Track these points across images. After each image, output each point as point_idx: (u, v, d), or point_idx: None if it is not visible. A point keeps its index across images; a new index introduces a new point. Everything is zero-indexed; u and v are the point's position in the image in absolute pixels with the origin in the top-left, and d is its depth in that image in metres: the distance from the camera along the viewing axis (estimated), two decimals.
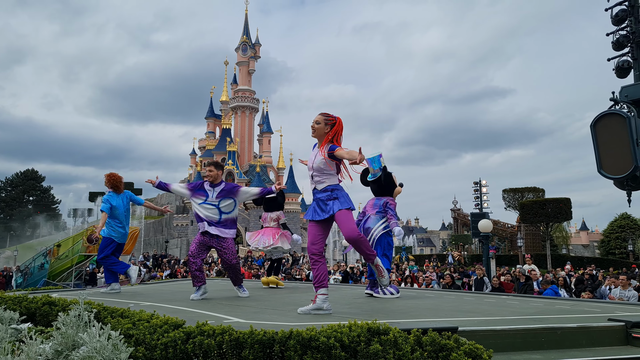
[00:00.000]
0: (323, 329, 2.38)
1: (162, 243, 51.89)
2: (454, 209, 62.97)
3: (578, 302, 6.33)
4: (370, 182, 6.60)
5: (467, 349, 2.23)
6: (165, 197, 72.69)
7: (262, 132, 72.93)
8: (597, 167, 9.06)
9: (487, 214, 23.10)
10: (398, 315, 4.23)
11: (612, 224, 48.09)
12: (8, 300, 4.08)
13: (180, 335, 2.44)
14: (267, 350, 2.35)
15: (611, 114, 8.92)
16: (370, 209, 6.50)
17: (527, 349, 3.14)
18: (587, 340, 3.32)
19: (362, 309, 4.68)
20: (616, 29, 9.67)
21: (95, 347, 2.01)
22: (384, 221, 6.32)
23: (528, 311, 4.58)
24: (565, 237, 44.93)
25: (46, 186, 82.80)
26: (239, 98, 69.52)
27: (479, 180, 30.73)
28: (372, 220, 6.38)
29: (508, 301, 5.84)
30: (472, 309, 4.83)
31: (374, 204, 6.51)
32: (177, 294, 6.36)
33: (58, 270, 17.25)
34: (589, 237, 72.80)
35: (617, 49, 9.64)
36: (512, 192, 42.98)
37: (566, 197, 33.91)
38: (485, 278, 12.38)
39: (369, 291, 6.29)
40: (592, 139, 9.03)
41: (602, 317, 3.90)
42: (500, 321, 3.75)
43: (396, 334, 2.32)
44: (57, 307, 3.65)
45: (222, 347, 2.37)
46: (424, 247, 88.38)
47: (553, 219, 33.60)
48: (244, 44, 70.34)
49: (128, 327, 2.64)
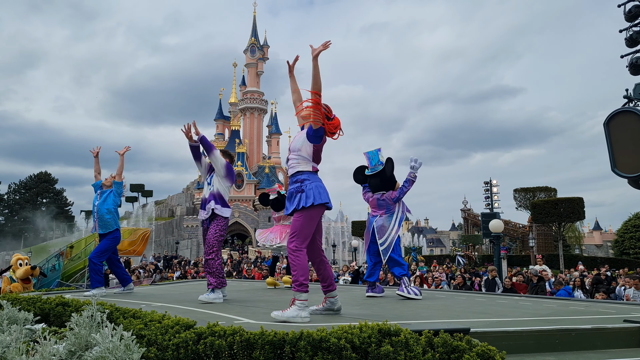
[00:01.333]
0: (334, 330, 2.37)
1: (173, 244, 52.29)
2: (464, 209, 62.48)
3: (592, 303, 6.24)
4: (370, 177, 6.14)
5: (480, 350, 2.21)
6: (176, 198, 73.27)
7: (270, 134, 73.15)
8: (611, 166, 8.93)
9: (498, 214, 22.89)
10: (409, 316, 4.20)
11: (626, 224, 47.29)
12: (22, 301, 4.14)
13: (191, 336, 2.45)
14: (277, 351, 2.35)
15: (625, 111, 8.79)
16: (376, 210, 6.14)
17: (541, 350, 3.10)
18: (602, 341, 3.27)
19: (373, 310, 4.66)
20: (629, 25, 9.53)
21: (108, 347, 2.03)
22: (396, 219, 6.00)
23: (541, 312, 4.53)
24: (578, 237, 44.33)
25: (59, 188, 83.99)
26: (248, 99, 69.88)
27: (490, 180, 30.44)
28: (382, 220, 6.03)
29: (520, 302, 5.77)
30: (484, 310, 4.78)
31: (378, 204, 6.11)
32: (187, 295, 6.40)
33: (71, 272, 17.47)
34: (603, 237, 71.76)
35: (630, 45, 9.50)
36: (523, 191, 42.55)
37: (579, 196, 33.49)
38: (497, 279, 12.26)
39: (371, 293, 6.17)
40: (606, 137, 8.91)
41: (618, 319, 3.84)
42: (513, 322, 3.70)
43: (407, 335, 2.30)
44: (70, 308, 3.70)
45: (233, 347, 2.37)
46: (434, 248, 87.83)
47: (565, 219, 33.19)
48: (253, 45, 70.68)
49: (140, 327, 2.66)
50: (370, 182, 6.18)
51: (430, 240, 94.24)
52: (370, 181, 6.18)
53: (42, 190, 79.95)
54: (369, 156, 6.16)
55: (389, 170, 6.04)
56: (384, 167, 6.03)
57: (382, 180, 6.05)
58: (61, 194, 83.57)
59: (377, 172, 6.06)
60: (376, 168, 6.08)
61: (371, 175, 6.14)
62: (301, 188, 3.90)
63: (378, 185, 6.10)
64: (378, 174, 6.06)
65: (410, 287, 5.95)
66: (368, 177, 6.20)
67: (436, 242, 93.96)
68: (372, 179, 6.14)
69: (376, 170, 6.06)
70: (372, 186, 6.17)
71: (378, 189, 6.14)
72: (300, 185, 3.92)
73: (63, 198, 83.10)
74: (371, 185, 6.18)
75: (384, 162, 6.06)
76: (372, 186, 6.17)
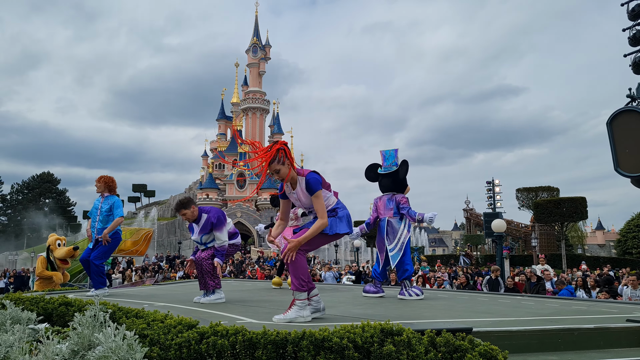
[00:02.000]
0: (336, 330, 2.37)
1: (175, 244, 52.37)
2: (467, 209, 62.38)
3: (595, 302, 6.23)
4: (383, 176, 6.07)
5: (482, 350, 2.21)
6: (178, 198, 73.32)
7: (273, 133, 73.19)
8: (614, 166, 8.90)
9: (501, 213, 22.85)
10: (411, 316, 4.20)
11: (629, 223, 47.09)
12: (26, 301, 4.15)
13: (194, 335, 2.45)
14: (280, 351, 2.35)
15: (628, 111, 8.77)
16: (383, 211, 6.04)
17: (543, 350, 3.10)
18: (605, 341, 3.27)
19: (375, 310, 4.66)
20: (633, 24, 9.50)
21: (111, 347, 2.04)
22: (405, 223, 5.93)
23: (544, 312, 4.52)
24: (581, 236, 44.15)
25: (62, 188, 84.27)
26: (250, 99, 69.97)
27: (492, 179, 30.41)
28: (392, 223, 5.93)
29: (523, 302, 5.76)
30: (487, 309, 4.78)
31: (386, 205, 6.03)
32: (190, 295, 6.41)
33: (74, 272, 17.54)
34: (605, 237, 71.54)
35: (633, 44, 9.48)
36: (525, 191, 42.40)
37: (581, 196, 33.37)
38: (499, 278, 12.25)
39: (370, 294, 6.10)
40: (609, 136, 8.88)
41: (620, 318, 3.83)
42: (516, 322, 3.70)
43: (410, 335, 2.30)
44: (73, 308, 3.71)
45: (235, 347, 2.38)
46: (436, 248, 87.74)
47: (568, 219, 33.08)
48: (254, 45, 70.75)
49: (143, 327, 2.66)
50: (382, 182, 6.14)
51: (433, 240, 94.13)
52: (381, 180, 6.14)
53: (44, 191, 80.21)
54: (385, 155, 6.12)
55: (402, 173, 6.00)
56: (398, 168, 5.99)
57: (394, 182, 6.02)
58: (64, 194, 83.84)
59: (390, 172, 6.03)
60: (390, 168, 6.05)
61: (384, 174, 6.09)
62: (335, 213, 3.84)
63: (389, 185, 6.07)
64: (391, 174, 6.03)
65: (410, 289, 5.92)
66: (380, 176, 6.15)
67: (438, 242, 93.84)
68: (383, 178, 6.10)
69: (390, 170, 6.03)
70: (383, 186, 6.13)
71: (388, 190, 6.11)
72: (333, 213, 3.84)
73: (66, 198, 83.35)
74: (382, 184, 6.14)
75: (398, 164, 6.03)
76: (383, 186, 6.13)
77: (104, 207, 6.44)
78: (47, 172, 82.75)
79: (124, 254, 18.75)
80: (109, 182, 6.57)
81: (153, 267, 21.90)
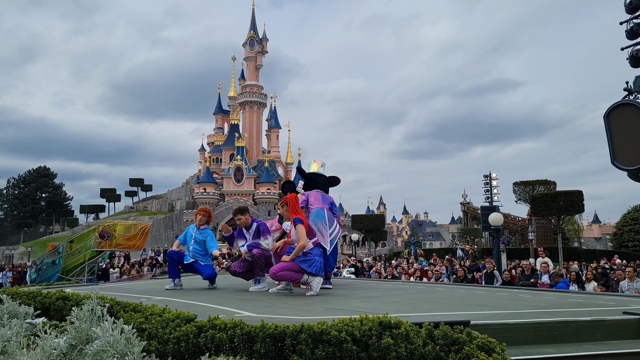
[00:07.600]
0: (334, 323, 2.37)
1: (172, 238, 52.35)
2: (464, 203, 62.61)
3: (592, 295, 6.27)
4: (321, 176, 6.89)
5: (480, 342, 2.21)
6: (175, 192, 73.24)
7: (270, 127, 73.02)
8: (611, 159, 8.92)
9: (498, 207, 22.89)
10: (409, 309, 4.22)
11: (625, 217, 47.39)
12: (23, 295, 4.14)
13: (192, 329, 2.45)
14: (278, 344, 2.35)
15: (625, 104, 8.77)
16: (319, 202, 6.50)
17: (541, 342, 3.11)
18: (602, 333, 3.28)
19: (373, 303, 4.68)
20: (630, 17, 9.47)
21: (109, 341, 2.03)
22: (336, 223, 6.53)
23: (541, 305, 4.54)
24: (577, 230, 44.41)
25: (58, 183, 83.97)
26: (247, 93, 69.64)
27: (489, 173, 30.42)
28: (325, 215, 6.36)
29: (520, 295, 5.79)
30: (484, 302, 4.80)
31: (322, 198, 6.58)
32: (186, 288, 6.41)
33: (71, 266, 17.52)
34: (602, 230, 71.97)
35: (631, 37, 9.46)
36: (523, 185, 42.56)
37: (578, 189, 33.50)
38: (495, 272, 12.30)
39: (327, 285, 6.37)
40: (606, 130, 8.89)
41: (617, 311, 3.85)
42: (513, 315, 3.71)
43: (408, 328, 2.30)
44: (70, 302, 3.70)
45: (233, 340, 2.38)
46: (433, 241, 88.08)
47: (565, 212, 33.23)
48: (251, 39, 70.34)
49: (140, 321, 2.66)
50: (320, 181, 7.06)
51: (430, 234, 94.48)
52: (319, 180, 7.04)
53: (41, 185, 79.89)
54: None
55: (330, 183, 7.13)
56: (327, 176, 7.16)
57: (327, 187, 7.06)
58: (60, 188, 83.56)
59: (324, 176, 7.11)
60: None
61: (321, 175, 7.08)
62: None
63: (324, 188, 6.99)
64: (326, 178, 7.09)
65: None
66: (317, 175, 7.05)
67: (436, 236, 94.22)
68: (321, 178, 7.04)
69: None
70: (320, 184, 7.05)
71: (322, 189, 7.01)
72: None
73: (62, 193, 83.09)
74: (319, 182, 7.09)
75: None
76: (320, 184, 7.05)
77: (198, 238, 6.57)
78: (43, 167, 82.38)
79: (121, 249, 18.74)
80: (211, 216, 6.87)
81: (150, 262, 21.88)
